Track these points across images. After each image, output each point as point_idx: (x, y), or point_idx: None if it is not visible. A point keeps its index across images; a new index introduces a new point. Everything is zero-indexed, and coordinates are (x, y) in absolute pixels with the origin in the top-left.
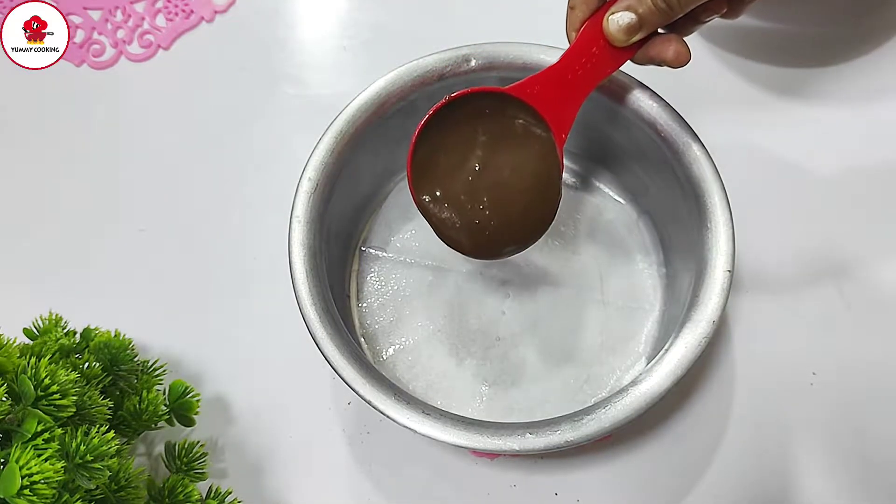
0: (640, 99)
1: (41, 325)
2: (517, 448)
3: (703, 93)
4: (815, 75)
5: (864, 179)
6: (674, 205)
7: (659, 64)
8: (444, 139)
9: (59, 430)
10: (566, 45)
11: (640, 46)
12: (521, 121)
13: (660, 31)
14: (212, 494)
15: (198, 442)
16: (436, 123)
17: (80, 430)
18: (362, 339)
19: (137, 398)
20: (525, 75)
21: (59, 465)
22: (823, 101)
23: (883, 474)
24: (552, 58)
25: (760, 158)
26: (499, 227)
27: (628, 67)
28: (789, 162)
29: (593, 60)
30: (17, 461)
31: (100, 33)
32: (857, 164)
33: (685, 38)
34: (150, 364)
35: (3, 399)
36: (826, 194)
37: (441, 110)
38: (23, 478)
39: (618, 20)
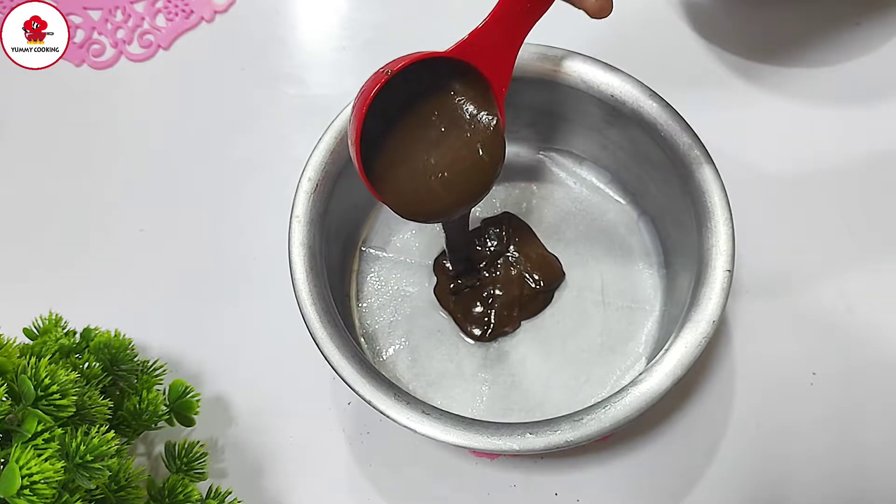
0: (640, 100)
1: (41, 325)
2: (517, 448)
3: (703, 93)
4: (819, 74)
5: (866, 179)
6: (674, 205)
7: (579, 7)
8: (391, 120)
9: (59, 430)
10: (565, 46)
11: None
12: (462, 96)
13: None
14: (212, 494)
15: (198, 442)
16: (378, 103)
17: (80, 430)
18: (362, 339)
19: (137, 398)
20: (524, 75)
21: (59, 465)
22: (826, 101)
23: (882, 475)
24: (551, 58)
25: (761, 158)
26: (447, 200)
27: (629, 67)
28: (790, 161)
29: (528, 4)
30: (17, 461)
31: (100, 33)
32: (858, 164)
33: None
34: (150, 364)
35: (3, 399)
36: (827, 194)
37: (382, 88)
38: (23, 478)
39: None
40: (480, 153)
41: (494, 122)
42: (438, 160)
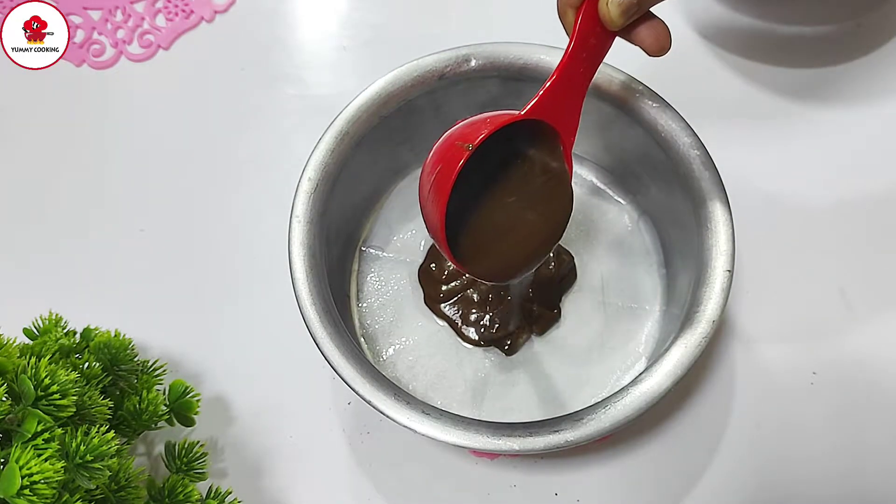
0: (640, 100)
1: (41, 325)
2: (517, 448)
3: (703, 93)
4: (818, 76)
5: (867, 179)
6: (674, 205)
7: (637, 45)
8: (468, 194)
9: (59, 430)
10: (565, 45)
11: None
12: (532, 152)
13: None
14: (212, 494)
15: (198, 442)
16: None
17: (80, 430)
18: (362, 339)
19: (137, 398)
20: (525, 75)
21: (59, 465)
22: (827, 102)
23: (882, 475)
24: (552, 57)
25: (761, 158)
26: (523, 258)
27: (628, 68)
28: (791, 161)
29: (591, 52)
30: (17, 461)
31: (100, 33)
32: (859, 164)
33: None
34: (150, 364)
35: (3, 399)
36: (828, 194)
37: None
38: (23, 478)
39: (618, 1)
40: (554, 206)
41: (564, 174)
42: (517, 220)
